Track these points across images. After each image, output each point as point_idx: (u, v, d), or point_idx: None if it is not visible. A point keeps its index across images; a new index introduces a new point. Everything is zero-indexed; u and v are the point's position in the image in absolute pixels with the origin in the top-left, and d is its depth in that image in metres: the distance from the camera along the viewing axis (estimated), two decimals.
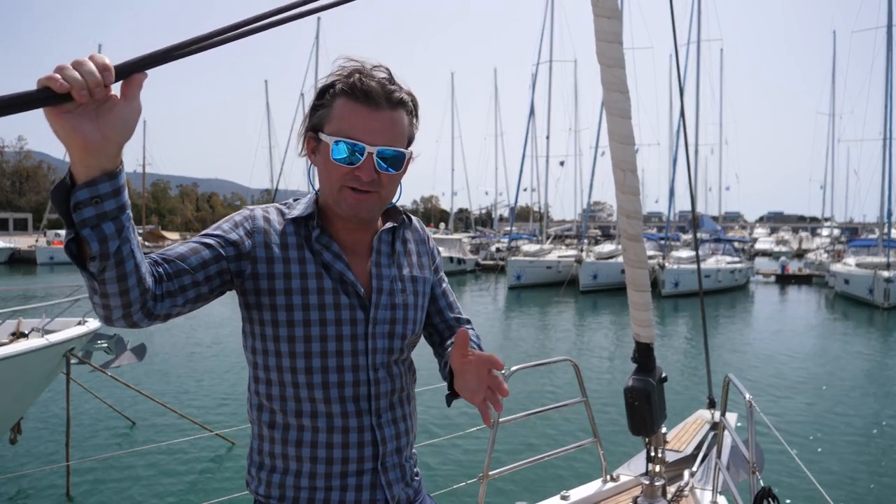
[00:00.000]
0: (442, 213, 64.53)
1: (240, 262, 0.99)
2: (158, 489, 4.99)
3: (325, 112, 1.01)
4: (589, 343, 12.46)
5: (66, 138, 0.70)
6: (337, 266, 1.04)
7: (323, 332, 1.02)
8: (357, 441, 1.05)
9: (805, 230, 67.82)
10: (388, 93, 0.99)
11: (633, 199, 2.08)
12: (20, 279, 25.01)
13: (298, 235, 1.04)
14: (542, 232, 32.38)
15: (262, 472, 1.07)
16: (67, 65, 0.68)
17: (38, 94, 0.67)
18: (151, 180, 66.72)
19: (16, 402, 5.13)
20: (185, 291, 0.92)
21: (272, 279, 1.01)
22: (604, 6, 1.81)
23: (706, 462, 2.74)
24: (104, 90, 0.69)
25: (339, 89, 0.99)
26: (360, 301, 1.05)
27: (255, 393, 1.07)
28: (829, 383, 8.84)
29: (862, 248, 24.71)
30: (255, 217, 1.04)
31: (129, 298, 0.81)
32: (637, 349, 2.24)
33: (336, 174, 1.00)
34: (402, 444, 1.10)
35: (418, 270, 1.15)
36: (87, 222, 0.74)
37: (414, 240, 1.18)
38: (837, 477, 5.34)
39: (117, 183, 0.74)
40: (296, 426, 1.03)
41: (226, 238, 0.99)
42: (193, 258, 0.94)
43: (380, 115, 0.99)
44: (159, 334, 11.79)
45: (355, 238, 1.08)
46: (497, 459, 2.47)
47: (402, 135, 1.02)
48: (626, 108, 1.94)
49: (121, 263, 0.77)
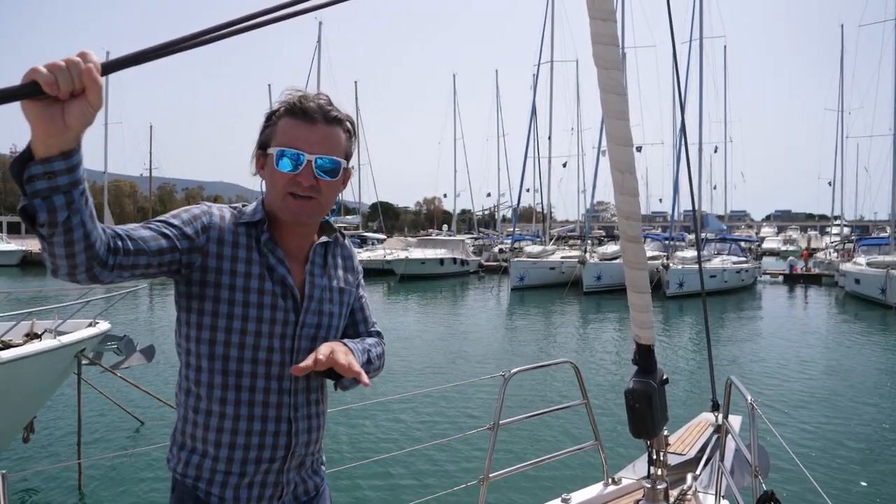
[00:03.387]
0: (445, 214, 64.59)
1: (191, 254, 1.08)
2: (166, 487, 5.01)
3: (270, 131, 1.15)
4: (592, 344, 12.41)
5: (34, 121, 0.75)
6: (280, 270, 1.15)
7: (258, 328, 1.12)
8: (274, 430, 1.15)
9: (814, 229, 67.22)
10: (325, 111, 1.14)
11: (632, 201, 2.07)
12: (32, 281, 25.24)
13: (249, 237, 1.14)
14: (545, 233, 32.34)
15: (183, 453, 1.17)
16: (63, 66, 0.71)
17: (26, 89, 0.70)
18: (158, 184, 67.20)
19: (29, 401, 5.20)
20: (135, 269, 0.99)
21: (219, 273, 1.11)
22: (599, 9, 1.80)
23: (709, 465, 2.71)
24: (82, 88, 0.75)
25: (283, 111, 1.14)
26: (294, 304, 1.16)
27: (185, 378, 1.16)
28: (839, 386, 8.75)
29: (873, 246, 24.36)
30: (212, 214, 1.13)
31: (74, 261, 0.88)
32: (637, 351, 2.23)
33: (280, 182, 1.12)
34: (311, 439, 1.21)
35: (344, 283, 1.27)
36: (38, 193, 0.80)
37: (342, 255, 1.30)
38: (842, 482, 5.28)
39: (71, 162, 0.80)
40: (218, 413, 1.13)
41: (182, 231, 1.07)
42: (153, 243, 1.01)
43: (317, 129, 1.13)
44: (167, 336, 11.86)
45: (296, 245, 1.19)
46: (498, 462, 2.47)
47: (339, 147, 1.15)
48: (623, 110, 1.93)
49: (69, 232, 0.84)
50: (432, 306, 18.43)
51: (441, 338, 12.60)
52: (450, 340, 12.19)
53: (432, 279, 27.09)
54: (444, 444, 4.94)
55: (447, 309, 18.06)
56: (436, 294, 21.99)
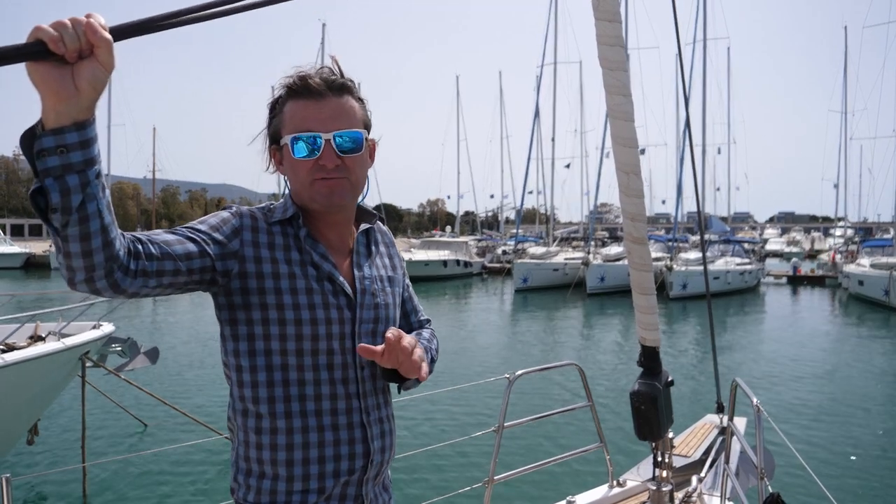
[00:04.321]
0: (448, 216, 64.60)
1: (226, 261, 0.98)
2: (170, 490, 5.04)
3: (278, 120, 1.05)
4: (596, 346, 12.39)
5: (41, 83, 0.69)
6: (325, 266, 1.05)
7: (314, 331, 1.02)
8: (348, 438, 1.04)
9: (817, 230, 66.98)
10: (328, 82, 1.02)
11: (637, 202, 2.07)
12: (36, 283, 25.35)
13: (286, 235, 1.04)
14: (549, 234, 32.29)
15: (252, 479, 1.04)
16: (68, 24, 0.67)
17: (31, 47, 0.66)
18: (161, 186, 67.52)
19: (33, 404, 5.22)
20: (161, 276, 0.89)
21: (261, 279, 1.00)
22: (605, 10, 1.81)
23: (714, 467, 2.70)
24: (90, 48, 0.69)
25: (284, 95, 1.04)
26: (347, 301, 1.06)
27: (240, 399, 1.05)
28: (843, 387, 8.71)
29: (876, 248, 24.33)
30: (243, 216, 1.03)
31: (91, 261, 0.78)
32: (643, 353, 2.23)
33: (302, 171, 1.02)
34: (385, 444, 1.10)
35: (391, 271, 1.17)
36: (50, 171, 0.72)
37: (384, 242, 1.20)
38: (849, 485, 5.25)
39: (86, 135, 0.73)
40: (285, 429, 1.02)
41: (212, 236, 0.97)
42: (179, 247, 0.92)
43: (327, 104, 1.01)
44: (171, 337, 11.89)
45: (337, 236, 1.09)
46: (502, 464, 2.46)
47: (355, 117, 1.04)
48: (628, 111, 1.94)
49: (84, 221, 0.75)
50: (436, 308, 18.41)
51: (445, 340, 12.57)
52: (454, 342, 12.18)
53: (435, 281, 27.08)
54: (449, 446, 4.93)
55: (451, 311, 18.05)
56: (439, 296, 21.98)
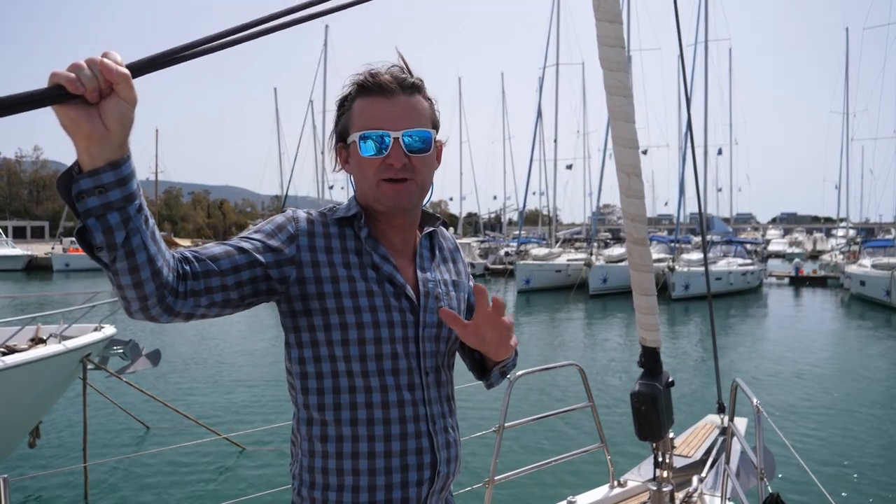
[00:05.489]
0: (451, 217, 64.60)
1: (282, 268, 0.96)
2: (171, 491, 5.05)
3: (346, 118, 1.04)
4: (598, 347, 12.38)
5: (72, 128, 0.70)
6: (385, 268, 1.03)
7: (376, 335, 0.99)
8: (415, 447, 1.02)
9: (819, 231, 66.83)
10: (399, 80, 1.01)
11: (638, 203, 2.07)
12: (37, 285, 25.41)
13: (343, 238, 1.02)
14: (551, 235, 32.27)
15: (316, 492, 1.01)
16: (83, 64, 0.68)
17: (51, 91, 0.67)
18: (164, 188, 67.59)
19: (35, 406, 5.22)
20: (211, 293, 0.89)
21: (320, 283, 0.99)
22: (606, 11, 1.81)
23: (715, 468, 2.71)
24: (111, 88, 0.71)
25: (354, 92, 1.03)
26: (410, 304, 1.03)
27: (305, 406, 1.03)
28: (844, 388, 8.69)
29: (878, 248, 24.31)
30: (298, 219, 1.01)
31: (143, 291, 0.79)
32: (643, 353, 2.24)
33: (370, 169, 1.00)
34: (451, 455, 1.07)
35: (456, 276, 1.15)
36: (91, 212, 0.73)
37: (447, 247, 1.18)
38: (849, 485, 5.24)
39: (122, 173, 0.73)
40: (351, 436, 1.00)
41: (265, 244, 0.96)
42: (225, 261, 0.91)
43: (398, 102, 1.00)
44: (173, 340, 11.91)
45: (401, 239, 1.07)
46: (503, 464, 2.47)
47: (424, 117, 1.02)
48: (629, 112, 1.94)
49: (131, 255, 0.76)
50: None
51: None
52: None
53: None
54: None
55: None
56: None
